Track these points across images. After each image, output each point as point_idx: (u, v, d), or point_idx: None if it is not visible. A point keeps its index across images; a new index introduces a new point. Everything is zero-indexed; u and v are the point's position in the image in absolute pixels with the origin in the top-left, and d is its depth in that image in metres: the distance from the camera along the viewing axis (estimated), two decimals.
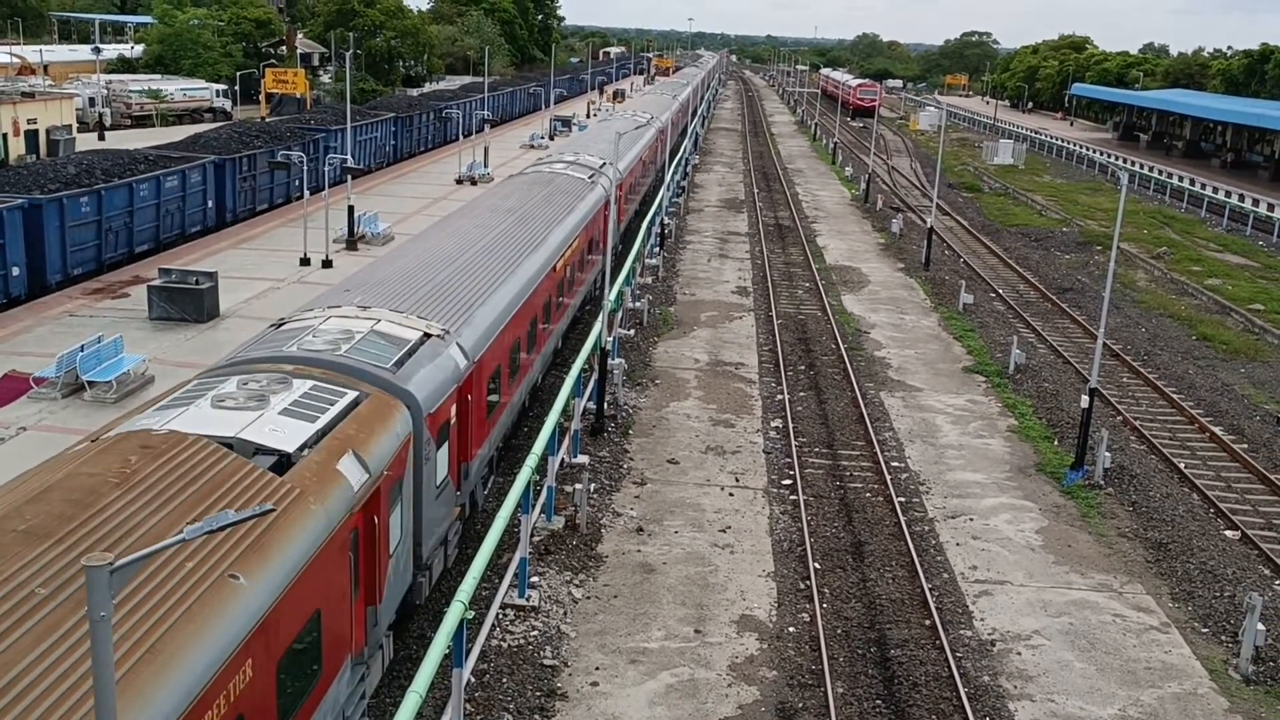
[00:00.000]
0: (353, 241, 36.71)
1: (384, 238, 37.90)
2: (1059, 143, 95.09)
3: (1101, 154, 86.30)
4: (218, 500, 9.50)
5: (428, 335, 15.40)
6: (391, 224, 39.71)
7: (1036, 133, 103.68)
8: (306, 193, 37.04)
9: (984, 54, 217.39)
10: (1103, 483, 21.72)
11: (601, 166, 33.68)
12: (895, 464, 22.46)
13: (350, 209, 36.81)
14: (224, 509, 9.20)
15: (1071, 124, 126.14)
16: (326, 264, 33.83)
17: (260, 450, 10.87)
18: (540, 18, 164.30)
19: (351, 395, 12.64)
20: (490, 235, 22.08)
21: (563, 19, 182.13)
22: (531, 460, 16.00)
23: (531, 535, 17.46)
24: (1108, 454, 22.03)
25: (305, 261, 33.88)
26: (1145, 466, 22.81)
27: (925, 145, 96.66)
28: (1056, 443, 24.09)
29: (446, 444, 14.77)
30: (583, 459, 20.85)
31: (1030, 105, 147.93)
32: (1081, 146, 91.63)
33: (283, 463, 10.92)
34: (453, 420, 15.10)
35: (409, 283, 17.67)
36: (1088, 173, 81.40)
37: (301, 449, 11.20)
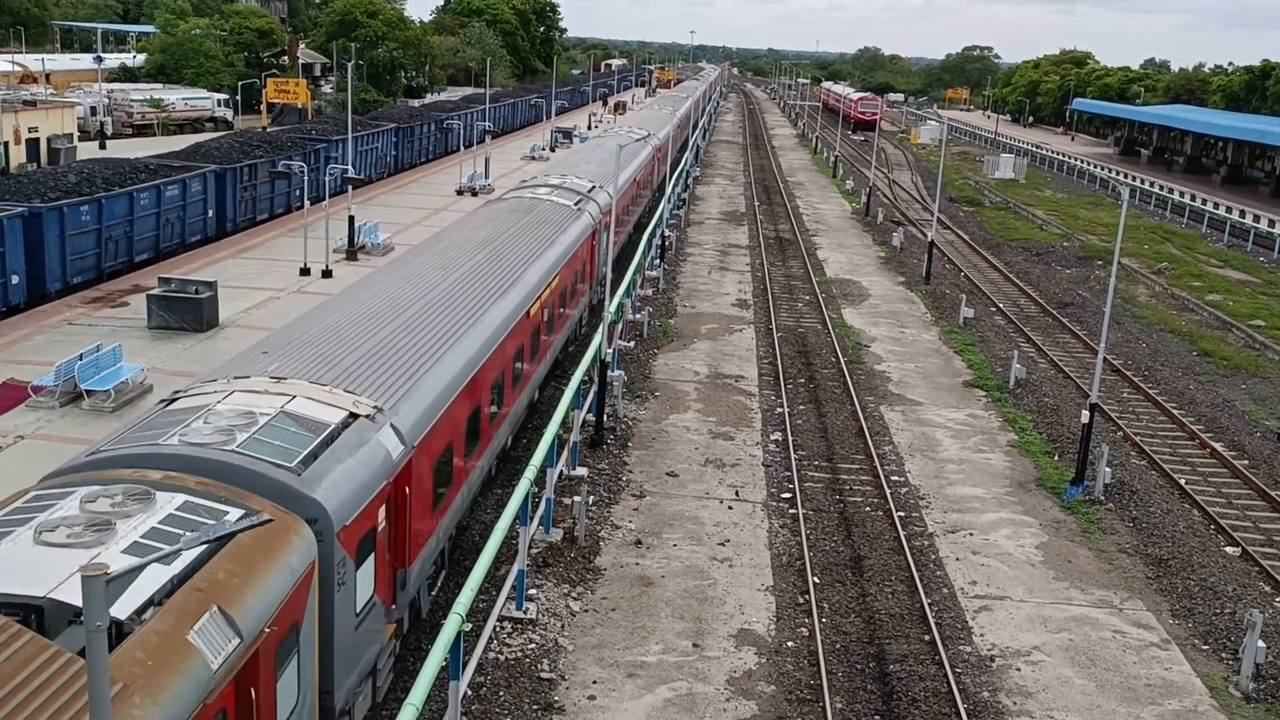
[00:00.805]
0: (353, 252, 36.70)
1: (384, 248, 37.91)
2: (1060, 157, 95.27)
3: (1102, 169, 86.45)
4: None
5: (354, 416, 12.27)
6: (391, 234, 39.73)
7: (1038, 147, 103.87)
8: (307, 203, 37.06)
9: (985, 68, 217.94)
10: (1103, 498, 21.69)
11: (590, 190, 31.00)
12: (895, 478, 22.42)
13: (351, 219, 36.83)
14: None
15: (1073, 139, 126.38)
16: (326, 274, 33.82)
17: (77, 619, 7.90)
18: (542, 29, 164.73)
19: (233, 516, 9.55)
20: (453, 276, 18.81)
21: (564, 30, 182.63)
22: (530, 472, 15.97)
23: (530, 547, 17.42)
24: (1108, 469, 22.01)
25: (305, 271, 33.88)
26: (1146, 482, 22.78)
27: (926, 159, 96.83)
28: (1057, 458, 24.07)
29: (372, 556, 11.80)
30: (581, 471, 20.82)
31: (1031, 120, 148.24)
32: (1083, 161, 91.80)
33: (112, 633, 7.72)
34: (381, 525, 12.00)
35: (342, 343, 14.23)
36: (1089, 188, 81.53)
37: (141, 611, 8.10)
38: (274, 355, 13.55)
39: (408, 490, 12.67)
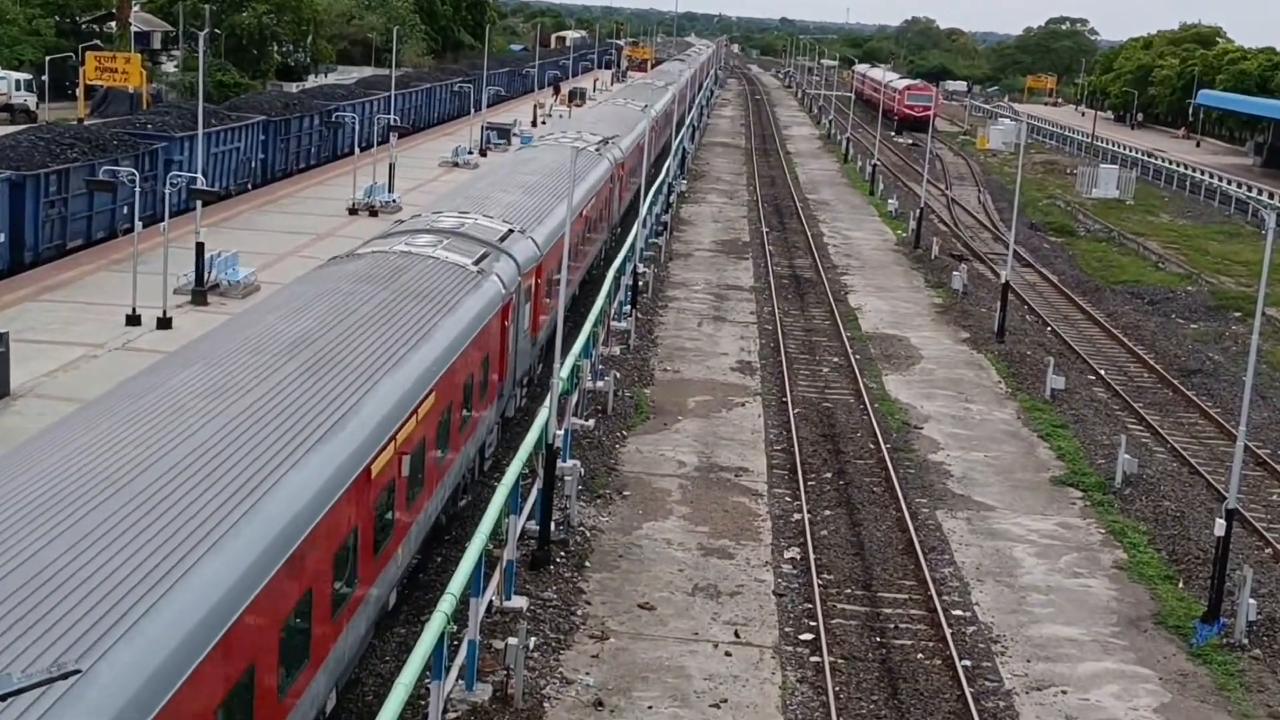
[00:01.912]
0: (202, 293, 36.58)
1: (245, 287, 37.81)
2: (1181, 170, 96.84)
3: (1239, 186, 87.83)
4: None
5: None
6: (257, 268, 39.68)
7: (1150, 156, 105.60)
8: (139, 224, 37.01)
9: (1078, 48, 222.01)
10: (1246, 642, 21.70)
11: (504, 238, 27.88)
12: (958, 613, 22.37)
13: (200, 247, 36.81)
14: None
15: (1198, 144, 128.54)
16: (164, 323, 33.67)
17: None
18: None
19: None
20: (220, 418, 14.71)
21: None
22: (446, 604, 15.82)
23: (445, 710, 17.21)
24: (1253, 601, 22.04)
25: (135, 320, 33.71)
26: None
27: (998, 170, 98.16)
28: (1181, 584, 24.08)
29: None
30: (519, 602, 20.66)
31: (1141, 118, 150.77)
32: (1212, 176, 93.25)
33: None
34: None
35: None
36: (1220, 211, 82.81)
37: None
38: None
39: None
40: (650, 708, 18.65)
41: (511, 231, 28.78)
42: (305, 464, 14.49)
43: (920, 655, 20.80)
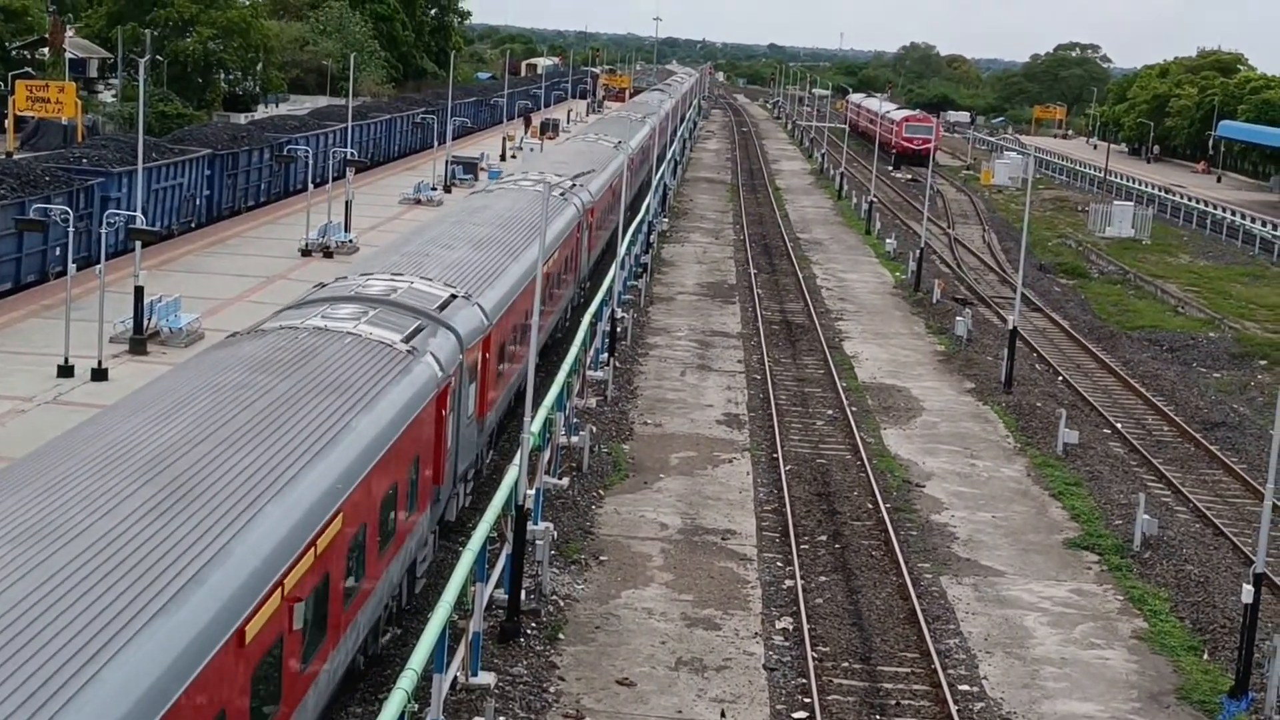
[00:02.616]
0: (141, 341, 36.51)
1: (188, 335, 37.75)
2: (1200, 207, 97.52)
3: (1264, 224, 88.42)
4: None
5: None
6: (201, 315, 39.63)
7: (1167, 191, 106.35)
8: (72, 267, 36.95)
9: (1089, 76, 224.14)
10: (1277, 718, 21.67)
11: (445, 305, 25.55)
12: (965, 687, 22.30)
13: (138, 292, 36.75)
14: None
15: (1219, 179, 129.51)
16: (99, 375, 33.57)
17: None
18: (434, 13, 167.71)
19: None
20: (39, 576, 11.93)
21: (467, 15, 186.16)
22: (407, 681, 15.73)
23: None
24: None
25: (67, 371, 33.60)
26: None
27: (1004, 208, 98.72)
28: (1206, 656, 24.07)
29: None
30: (486, 678, 20.55)
31: (1157, 151, 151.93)
32: (1234, 213, 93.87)
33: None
34: None
35: None
36: (1244, 251, 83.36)
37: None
38: None
39: None
40: None
41: (454, 297, 26.43)
42: (138, 645, 11.54)
43: None
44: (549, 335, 39.10)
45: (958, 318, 50.86)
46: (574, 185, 46.26)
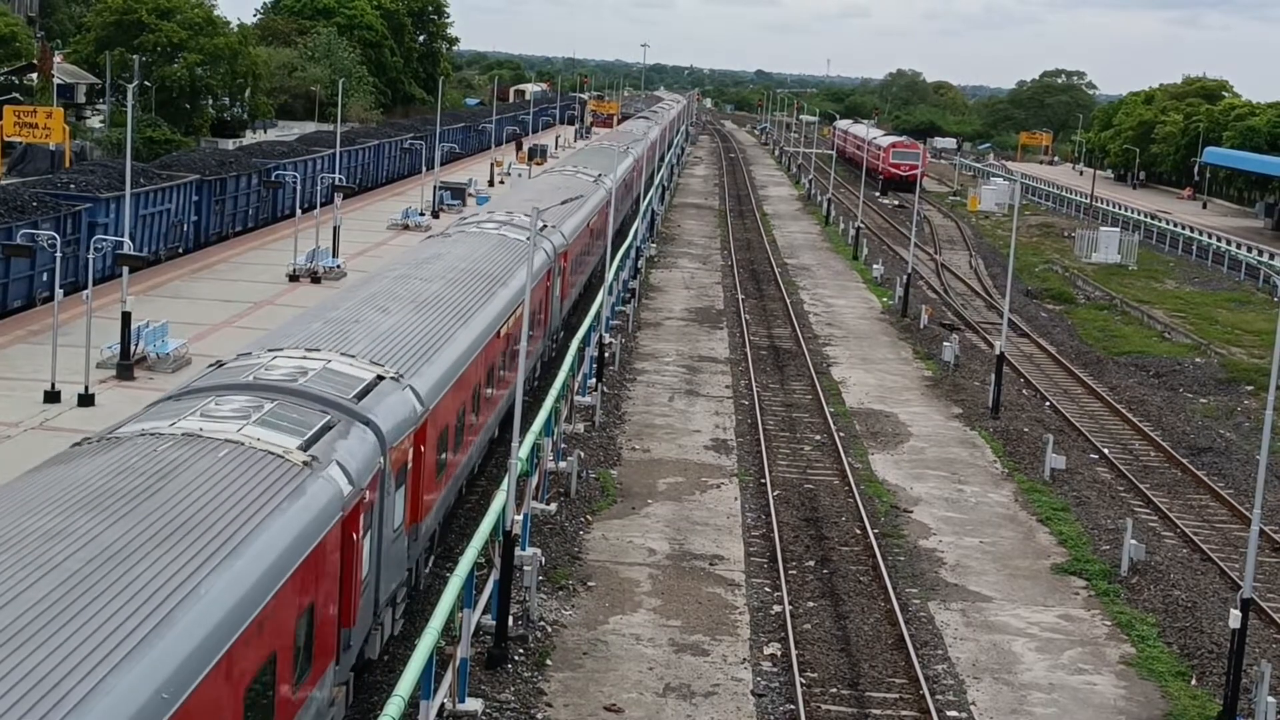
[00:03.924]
0: (128, 366, 36.47)
1: (175, 360, 37.71)
2: (1186, 233, 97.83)
3: (1249, 250, 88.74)
4: None
5: None
6: (188, 340, 39.59)
7: (1153, 218, 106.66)
8: (59, 292, 36.92)
9: (1074, 103, 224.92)
10: None
11: (366, 391, 20.80)
12: (953, 713, 22.28)
13: (126, 317, 36.72)
14: None
15: (1204, 205, 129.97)
16: (86, 400, 33.52)
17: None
18: (422, 39, 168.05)
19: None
20: None
21: (456, 41, 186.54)
22: (394, 708, 15.66)
23: None
24: (1272, 700, 22.01)
25: (54, 396, 33.54)
26: None
27: (991, 233, 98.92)
28: (1194, 681, 24.06)
29: None
30: (473, 705, 20.48)
31: (1142, 177, 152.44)
32: (1220, 239, 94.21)
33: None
34: None
35: None
36: (1229, 277, 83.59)
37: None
38: None
39: None
40: None
41: (380, 380, 21.69)
42: None
43: None
44: (509, 400, 31.83)
45: (945, 343, 50.92)
46: (545, 226, 40.73)
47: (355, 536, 17.92)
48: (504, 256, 35.61)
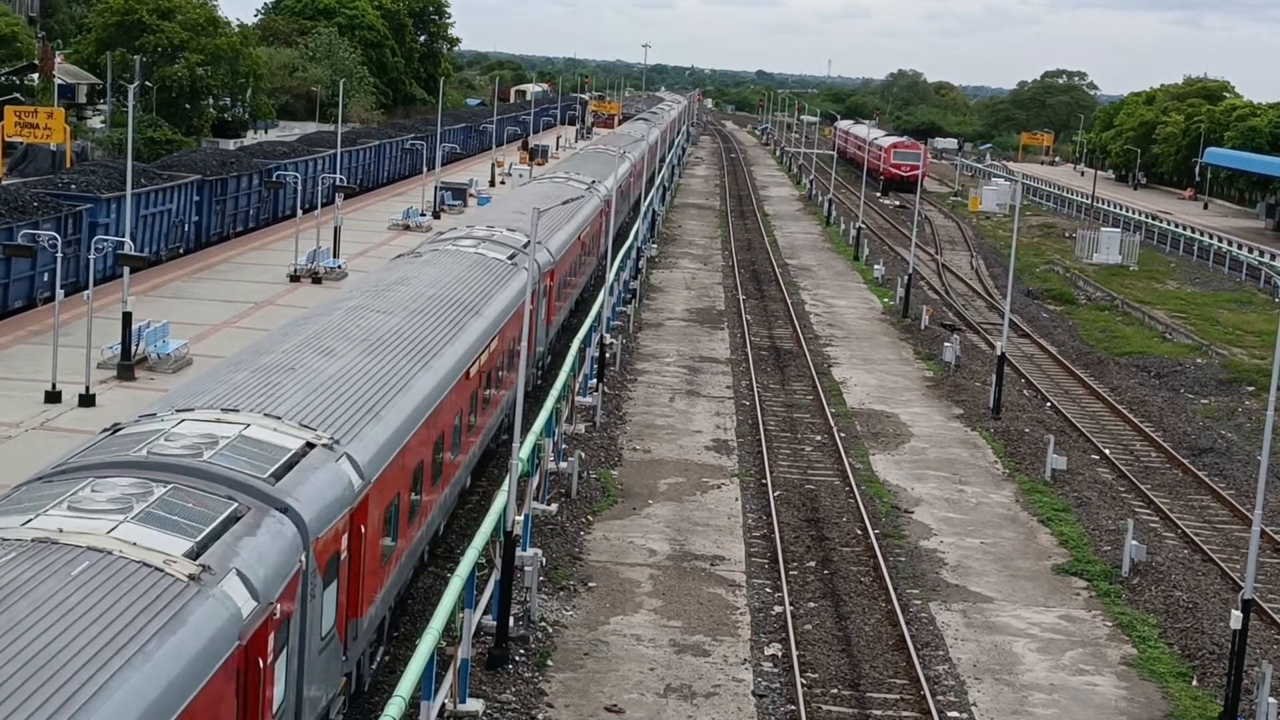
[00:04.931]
0: (129, 366, 36.44)
1: (176, 361, 37.69)
2: (1187, 233, 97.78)
3: (1250, 250, 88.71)
4: None
5: None
6: (189, 340, 39.57)
7: (1154, 218, 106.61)
8: (60, 292, 36.90)
9: (1076, 103, 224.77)
10: None
11: (290, 465, 17.05)
12: (954, 714, 22.29)
13: (126, 317, 36.70)
14: None
15: (1205, 206, 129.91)
16: (87, 400, 33.50)
17: None
18: (423, 39, 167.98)
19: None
20: None
21: (457, 41, 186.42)
22: (394, 708, 15.66)
23: None
24: (1273, 700, 22.01)
25: (54, 397, 33.52)
26: None
27: (992, 234, 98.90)
28: (1195, 682, 24.07)
29: None
30: (474, 705, 20.48)
31: (1143, 178, 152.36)
32: (1221, 239, 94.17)
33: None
34: None
35: None
36: (1231, 277, 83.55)
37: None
38: None
39: None
40: None
41: (309, 448, 17.73)
42: None
43: None
44: (483, 443, 30.05)
45: (946, 343, 50.91)
46: (529, 243, 34.16)
47: (262, 664, 14.17)
48: (480, 279, 31.87)
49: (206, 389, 19.69)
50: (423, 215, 72.68)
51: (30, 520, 13.64)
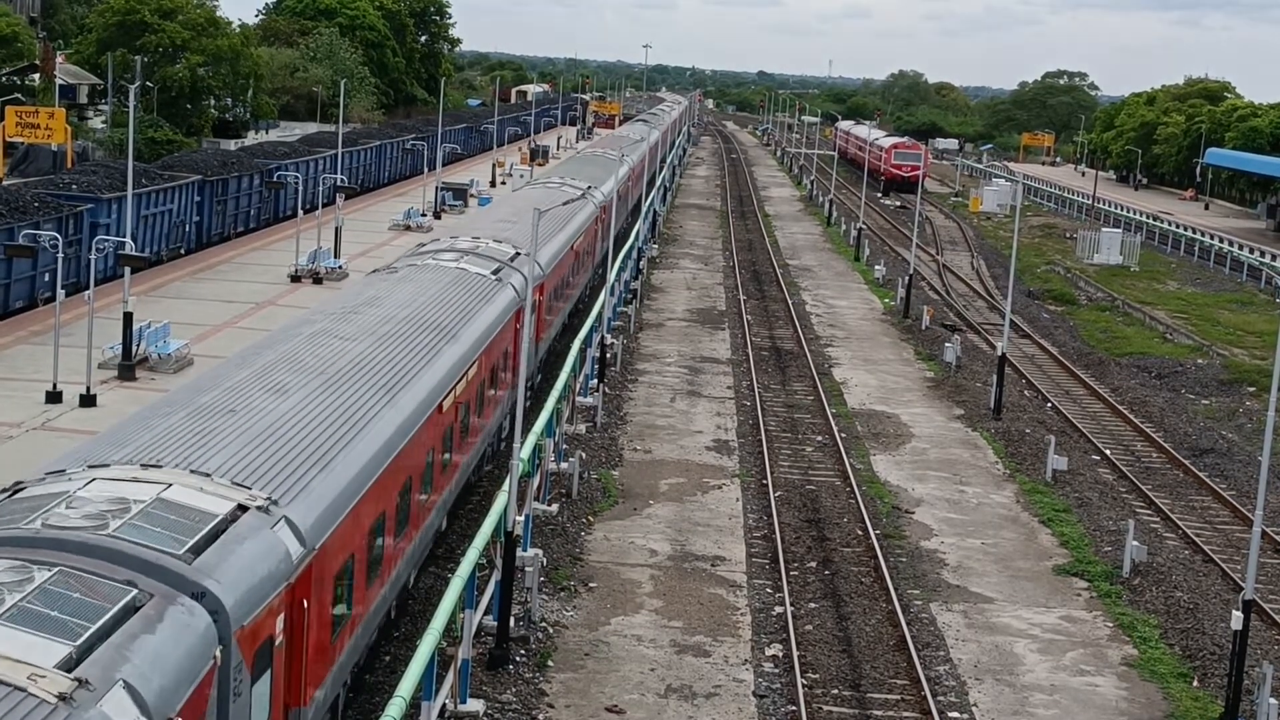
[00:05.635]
0: (129, 367, 36.44)
1: (177, 361, 37.69)
2: (1188, 234, 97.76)
3: (1251, 251, 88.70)
4: None
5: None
6: (190, 341, 39.57)
7: (1155, 219, 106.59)
8: (61, 293, 36.91)
9: (1076, 104, 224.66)
10: None
11: (212, 538, 14.41)
12: (955, 715, 22.29)
13: (127, 317, 36.71)
14: None
15: (1206, 206, 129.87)
16: (88, 401, 33.49)
17: None
18: (424, 39, 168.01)
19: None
20: None
21: (458, 42, 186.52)
22: (395, 708, 15.66)
23: None
24: (1274, 701, 22.01)
25: (55, 397, 33.52)
26: None
27: (992, 234, 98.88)
28: (1196, 683, 24.06)
29: None
30: (475, 706, 20.47)
31: (1144, 179, 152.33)
32: (1222, 240, 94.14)
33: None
34: None
35: None
36: (1231, 278, 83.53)
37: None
38: None
39: None
40: None
41: (241, 511, 15.36)
42: None
43: None
44: (462, 480, 27.54)
45: (947, 344, 50.90)
46: (517, 255, 35.29)
47: None
48: (460, 298, 29.36)
49: (130, 438, 16.95)
50: (423, 216, 72.68)
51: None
